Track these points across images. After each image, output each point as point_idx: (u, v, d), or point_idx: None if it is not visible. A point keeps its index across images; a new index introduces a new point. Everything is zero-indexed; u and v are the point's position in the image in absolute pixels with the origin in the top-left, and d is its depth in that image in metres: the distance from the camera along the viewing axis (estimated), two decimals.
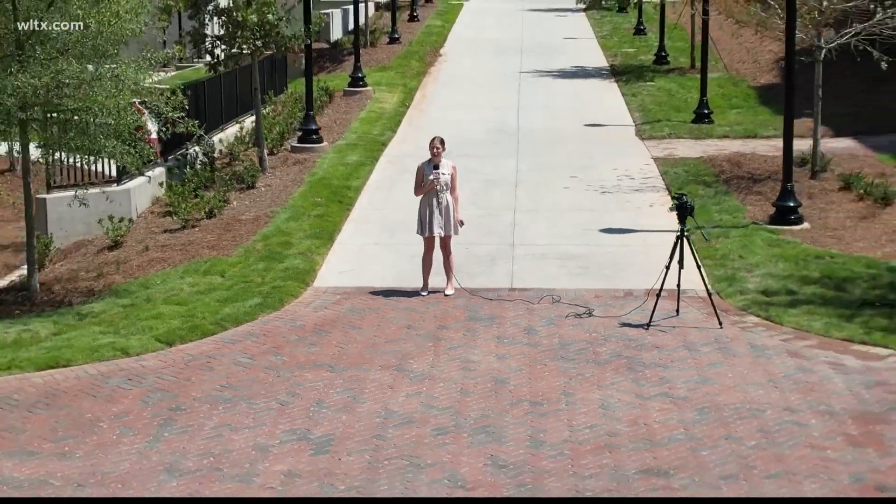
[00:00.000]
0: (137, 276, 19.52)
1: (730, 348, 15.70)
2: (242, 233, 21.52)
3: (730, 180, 24.85)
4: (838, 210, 22.41)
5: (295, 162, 27.09)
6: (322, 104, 33.45)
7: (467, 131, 30.55)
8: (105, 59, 17.58)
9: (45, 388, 14.87)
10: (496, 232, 21.38)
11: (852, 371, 14.83)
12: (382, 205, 23.51)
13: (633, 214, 22.43)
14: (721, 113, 32.44)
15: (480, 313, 17.30)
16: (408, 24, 52.64)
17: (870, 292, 17.64)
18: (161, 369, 15.40)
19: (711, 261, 19.40)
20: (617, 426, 13.26)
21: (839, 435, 12.94)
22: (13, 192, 31.77)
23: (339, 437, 13.08)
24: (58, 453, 12.95)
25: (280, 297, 17.95)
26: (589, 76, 39.60)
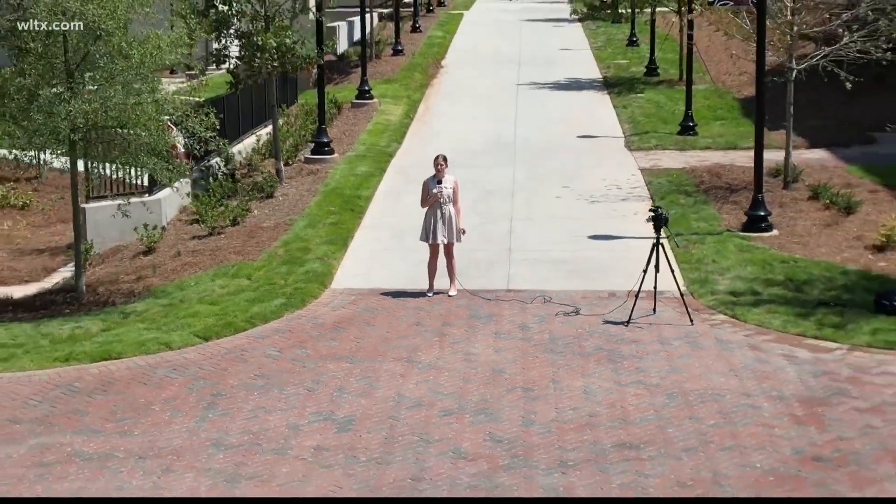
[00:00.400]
0: (172, 278, 21.75)
1: (698, 342, 17.92)
2: (264, 239, 23.74)
3: (709, 190, 27.05)
4: (806, 218, 24.61)
5: (309, 172, 29.30)
6: (332, 116, 35.61)
7: (468, 143, 32.75)
8: (146, 85, 19.79)
9: (100, 377, 17.08)
10: (494, 239, 23.58)
11: (803, 362, 17.05)
12: (391, 213, 25.72)
13: (618, 222, 24.62)
14: (706, 124, 34.61)
15: (480, 312, 19.52)
16: (410, 35, 54.85)
17: (825, 293, 19.85)
18: (201, 361, 17.62)
19: (688, 265, 21.62)
20: (597, 408, 15.48)
21: (786, 415, 15.15)
22: (41, 198, 33.98)
23: (359, 418, 15.30)
24: (118, 431, 15.16)
25: (302, 297, 20.17)
26: (583, 88, 41.80)
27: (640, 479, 13.41)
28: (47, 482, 13.71)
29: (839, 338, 17.85)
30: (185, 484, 13.59)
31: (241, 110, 32.10)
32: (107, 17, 19.35)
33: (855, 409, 15.32)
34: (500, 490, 13.26)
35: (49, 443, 14.82)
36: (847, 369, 16.71)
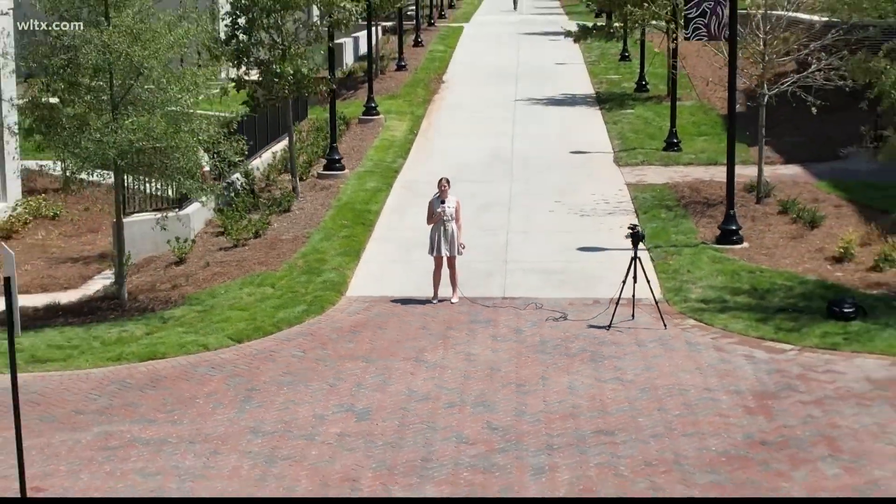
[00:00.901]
0: (204, 287, 24.31)
1: (669, 344, 20.49)
2: (285, 251, 26.30)
3: (688, 205, 29.61)
4: (774, 231, 27.17)
5: (322, 188, 31.85)
6: (341, 132, 38.12)
7: (468, 158, 35.31)
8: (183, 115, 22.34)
9: (149, 375, 19.65)
10: (492, 250, 26.13)
11: (760, 361, 19.62)
12: (398, 226, 28.27)
13: (605, 235, 27.16)
14: (690, 140, 37.10)
15: (479, 317, 22.09)
16: (413, 49, 57.40)
17: (785, 301, 22.42)
18: (235, 360, 20.19)
19: (665, 274, 24.19)
20: (579, 401, 18.04)
21: (741, 407, 17.72)
22: (69, 208, 36.46)
23: (375, 409, 17.86)
24: (169, 421, 17.72)
25: (321, 304, 22.74)
26: (576, 103, 44.34)
27: (613, 460, 15.98)
28: (114, 463, 16.27)
29: (793, 340, 20.42)
30: (230, 464, 16.14)
31: (258, 128, 34.62)
32: (149, 56, 21.91)
33: (800, 401, 17.89)
34: (495, 469, 15.81)
35: (111, 430, 17.38)
36: (797, 368, 19.28)
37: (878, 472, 15.45)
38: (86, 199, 38.54)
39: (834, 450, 16.16)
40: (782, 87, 29.15)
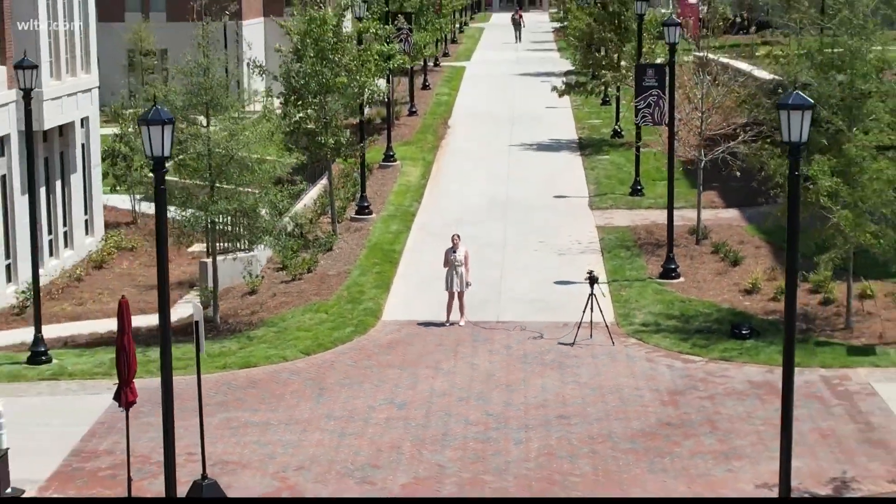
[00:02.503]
0: (275, 313, 32.62)
1: (615, 357, 28.81)
2: (332, 284, 34.61)
3: (643, 245, 37.92)
4: (705, 268, 35.46)
5: (355, 230, 40.15)
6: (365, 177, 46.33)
7: (470, 201, 43.59)
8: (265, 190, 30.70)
9: (247, 378, 27.96)
10: (490, 284, 34.38)
11: (676, 369, 27.95)
12: (418, 263, 36.53)
13: (575, 271, 35.37)
14: (652, 185, 45.28)
15: (480, 336, 30.40)
16: (421, 91, 65.69)
17: (703, 324, 30.74)
18: (307, 368, 28.52)
19: (618, 303, 32.51)
20: (548, 396, 26.35)
21: (658, 400, 26.04)
22: (140, 239, 44.68)
23: (409, 402, 26.18)
24: (269, 410, 26.04)
25: (364, 326, 31.07)
26: (561, 149, 52.62)
27: (567, 435, 24.30)
28: (237, 437, 24.58)
29: (702, 353, 28.76)
30: (315, 438, 24.45)
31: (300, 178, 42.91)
32: (241, 147, 30.26)
33: (698, 396, 26.23)
34: (490, 441, 24.12)
35: (230, 416, 25.70)
36: (701, 373, 27.64)
37: (739, 441, 23.80)
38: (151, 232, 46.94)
39: (714, 428, 24.51)
40: (715, 155, 37.49)
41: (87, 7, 42.70)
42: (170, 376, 19.41)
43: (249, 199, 30.25)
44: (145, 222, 48.44)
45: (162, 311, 19.14)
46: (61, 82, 40.09)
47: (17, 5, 37.92)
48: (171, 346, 19.61)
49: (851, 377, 27.13)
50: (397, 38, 48.73)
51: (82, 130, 42.90)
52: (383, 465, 23.11)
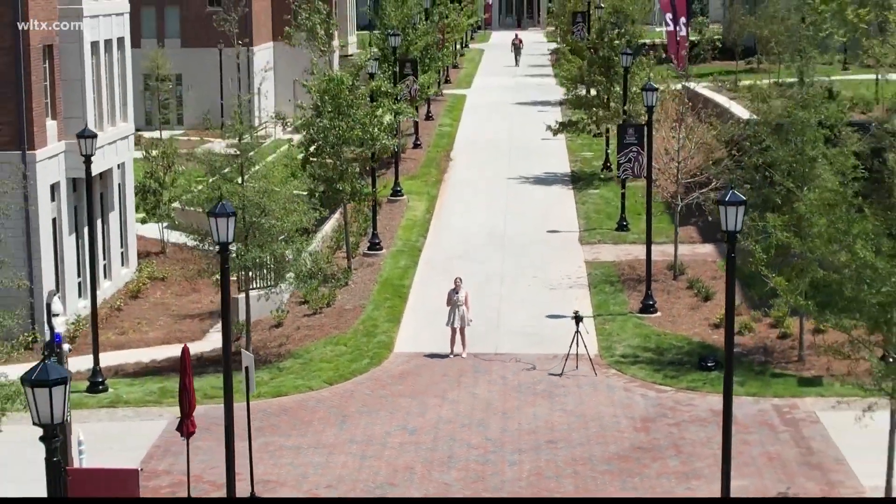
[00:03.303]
0: (300, 345, 37.03)
1: (597, 386, 33.25)
2: (349, 318, 39.02)
3: (626, 280, 42.33)
4: (680, 303, 39.87)
5: (368, 265, 44.56)
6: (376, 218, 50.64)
7: (471, 235, 47.97)
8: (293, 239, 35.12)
9: (279, 406, 32.39)
10: (489, 318, 38.77)
11: (650, 398, 32.38)
12: (425, 298, 40.90)
13: (565, 305, 39.76)
14: (637, 220, 49.56)
15: (480, 368, 34.83)
16: (425, 122, 70.05)
17: (675, 356, 35.17)
18: (330, 397, 32.95)
19: (602, 336, 36.92)
20: (538, 423, 30.79)
21: (632, 427, 30.47)
22: (168, 268, 49.05)
23: (419, 429, 30.61)
24: (299, 435, 30.46)
25: (378, 358, 35.49)
26: (555, 182, 57.01)
27: (554, 458, 28.74)
28: (274, 459, 29.01)
29: (672, 384, 33.20)
30: (340, 460, 28.89)
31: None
32: (272, 203, 34.67)
33: (667, 423, 30.67)
34: (488, 462, 28.55)
35: (267, 441, 30.13)
36: (671, 402, 32.08)
37: (699, 463, 28.25)
38: (181, 261, 51.43)
39: (678, 452, 28.96)
40: (690, 199, 41.94)
41: (125, 62, 47.16)
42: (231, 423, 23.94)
43: (279, 249, 34.69)
44: (173, 251, 52.98)
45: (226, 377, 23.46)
46: (104, 132, 44.51)
47: (65, 64, 42.37)
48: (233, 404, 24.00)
49: (799, 406, 31.59)
50: (404, 85, 53.18)
51: (119, 172, 47.37)
52: (399, 484, 27.54)
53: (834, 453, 28.67)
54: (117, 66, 46.35)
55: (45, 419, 14.44)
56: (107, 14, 45.01)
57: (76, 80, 42.54)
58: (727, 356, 23.00)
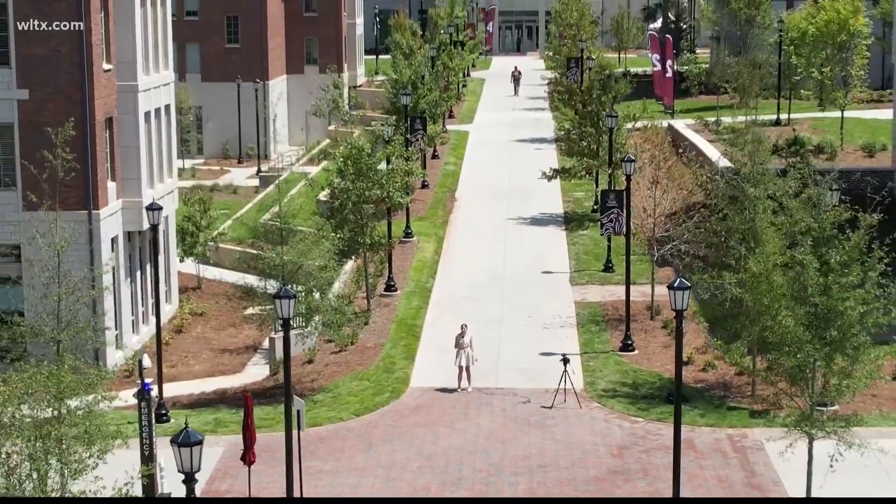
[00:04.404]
0: (329, 380, 43.44)
1: (582, 418, 39.68)
2: (370, 355, 45.44)
3: (609, 320, 48.73)
4: (655, 342, 46.27)
5: (384, 305, 50.97)
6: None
7: (473, 277, 54.36)
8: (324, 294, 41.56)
9: (315, 435, 38.80)
10: (489, 355, 45.15)
11: (625, 428, 38.82)
12: (436, 337, 47.25)
13: (556, 343, 46.15)
14: (622, 262, 55.85)
15: (483, 401, 41.25)
16: (431, 161, 76.43)
17: (649, 391, 41.58)
18: (358, 427, 39.39)
19: (587, 372, 43.35)
20: (531, 451, 37.23)
21: (609, 453, 36.93)
22: (207, 304, 55.52)
23: (433, 455, 37.05)
24: (334, 460, 36.90)
25: (397, 392, 41.93)
26: (549, 223, 63.39)
27: (545, 480, 35.19)
28: (314, 481, 35.43)
29: (644, 415, 39.63)
30: (369, 482, 35.34)
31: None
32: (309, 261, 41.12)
33: (638, 450, 37.13)
34: (490, 484, 34.98)
35: (307, 465, 36.50)
36: (642, 431, 38.52)
37: (661, 485, 34.69)
38: (215, 295, 57.94)
39: (646, 475, 35.42)
40: (663, 251, 48.40)
41: (170, 125, 53.65)
42: (290, 455, 30.27)
43: (314, 302, 41.14)
44: (208, 286, 59.53)
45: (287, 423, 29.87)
46: (153, 189, 50.99)
47: (123, 133, 48.87)
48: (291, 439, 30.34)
49: (749, 435, 38.04)
50: (413, 138, 59.72)
51: (164, 220, 53.85)
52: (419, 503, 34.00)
53: (772, 476, 35.12)
54: (164, 129, 52.84)
55: (187, 469, 20.95)
56: (156, 86, 51.49)
57: (132, 147, 49.00)
58: (676, 408, 29.45)
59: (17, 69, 46.12)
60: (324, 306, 41.96)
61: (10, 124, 46.36)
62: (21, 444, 27.72)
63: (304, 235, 42.73)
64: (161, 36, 52.63)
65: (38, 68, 46.04)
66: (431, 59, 75.58)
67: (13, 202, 46.54)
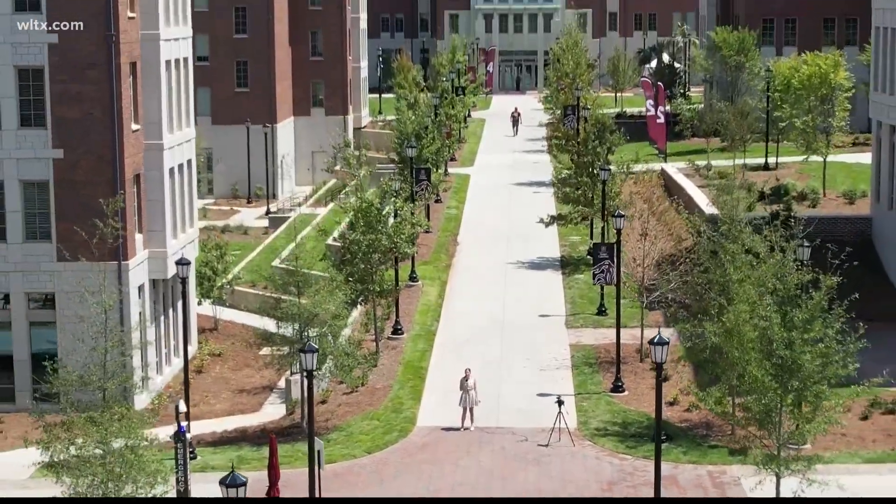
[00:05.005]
0: (342, 419, 47.02)
1: (575, 456, 43.25)
2: (379, 396, 49.03)
3: (602, 363, 52.33)
4: (644, 384, 49.84)
5: (392, 348, 54.57)
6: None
7: (474, 320, 57.98)
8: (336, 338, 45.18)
9: (331, 471, 42.27)
10: (490, 396, 48.72)
11: (615, 465, 42.40)
12: (440, 379, 50.86)
13: (553, 385, 49.73)
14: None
15: (484, 439, 44.82)
16: (434, 205, 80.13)
17: (637, 430, 45.16)
18: (370, 464, 42.98)
19: (580, 412, 46.94)
20: (529, 487, 40.80)
21: (599, 488, 40.50)
22: (223, 345, 59.17)
23: (440, 490, 40.62)
24: (350, 494, 40.45)
25: (405, 431, 45.50)
26: (546, 267, 67.03)
27: None
28: None
29: (632, 453, 43.22)
30: None
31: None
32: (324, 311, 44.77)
33: (626, 485, 40.71)
34: None
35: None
36: (630, 468, 42.12)
37: None
38: (231, 336, 61.55)
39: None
40: (651, 298, 52.07)
41: (192, 180, 57.40)
42: (313, 491, 33.81)
43: (328, 347, 44.78)
44: (224, 327, 63.15)
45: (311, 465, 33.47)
46: (177, 239, 54.69)
47: (149, 188, 52.61)
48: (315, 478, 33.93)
49: (727, 472, 41.63)
50: (418, 188, 63.54)
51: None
52: None
53: None
54: (186, 183, 56.59)
55: None
56: (179, 143, 55.27)
57: (158, 201, 52.73)
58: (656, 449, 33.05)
59: (53, 130, 49.87)
60: (337, 351, 45.56)
61: (46, 181, 50.08)
62: (74, 481, 31.57)
63: (318, 287, 46.36)
64: (184, 96, 56.41)
65: (72, 130, 49.79)
66: (434, 107, 79.45)
67: (48, 253, 50.19)
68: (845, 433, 43.67)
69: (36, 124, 49.98)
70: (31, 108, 49.92)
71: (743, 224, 44.74)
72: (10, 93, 49.71)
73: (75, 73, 49.63)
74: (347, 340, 46.88)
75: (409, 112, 71.88)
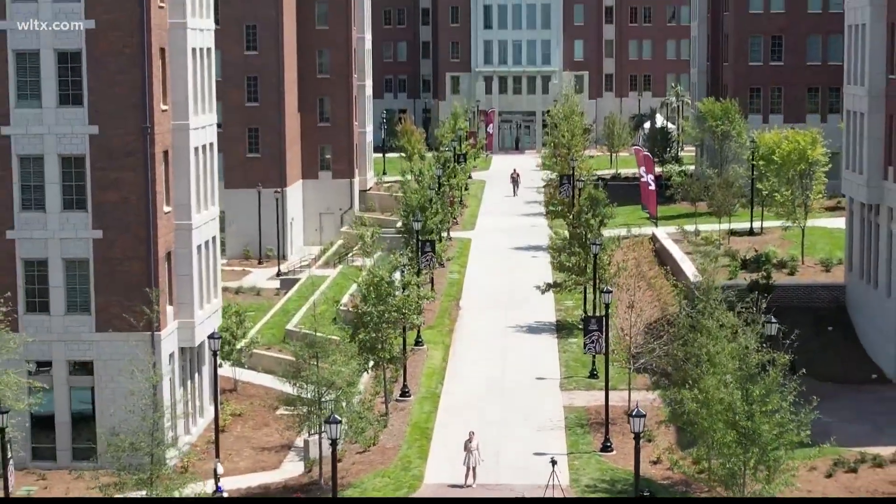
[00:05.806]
0: (356, 476, 51.79)
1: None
2: (389, 455, 53.81)
3: (592, 424, 57.15)
4: (631, 444, 54.38)
5: (400, 409, 59.39)
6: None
7: (475, 383, 62.82)
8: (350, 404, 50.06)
9: None
10: (490, 454, 53.47)
11: None
12: (445, 439, 55.62)
13: (549, 443, 54.46)
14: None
15: (485, 496, 49.56)
16: (439, 269, 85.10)
17: (622, 487, 49.95)
18: None
19: (572, 470, 51.74)
20: None
21: None
22: (243, 405, 63.94)
23: None
24: None
25: (413, 488, 50.28)
26: (543, 330, 71.95)
27: None
28: None
29: None
30: None
31: None
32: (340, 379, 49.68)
33: None
34: None
35: None
36: None
37: None
38: (251, 397, 66.41)
39: None
40: (638, 364, 56.99)
41: (216, 251, 62.44)
42: None
43: (343, 412, 49.67)
44: (243, 387, 67.94)
45: None
46: (203, 310, 59.68)
47: (178, 263, 57.66)
48: None
49: None
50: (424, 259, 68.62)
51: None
52: None
53: None
54: (211, 259, 61.64)
55: None
56: (206, 222, 60.36)
57: (187, 276, 57.74)
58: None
59: (93, 213, 54.89)
60: (351, 414, 50.43)
61: (86, 259, 55.06)
62: None
63: (335, 358, 51.24)
64: (209, 179, 61.52)
65: (111, 212, 54.82)
66: (437, 178, 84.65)
67: (87, 324, 55.10)
68: (811, 490, 48.42)
69: (77, 207, 54.97)
70: (74, 192, 54.94)
71: (717, 301, 49.63)
72: (54, 179, 54.75)
73: (113, 160, 54.66)
74: (360, 403, 51.82)
75: (415, 185, 77.13)
